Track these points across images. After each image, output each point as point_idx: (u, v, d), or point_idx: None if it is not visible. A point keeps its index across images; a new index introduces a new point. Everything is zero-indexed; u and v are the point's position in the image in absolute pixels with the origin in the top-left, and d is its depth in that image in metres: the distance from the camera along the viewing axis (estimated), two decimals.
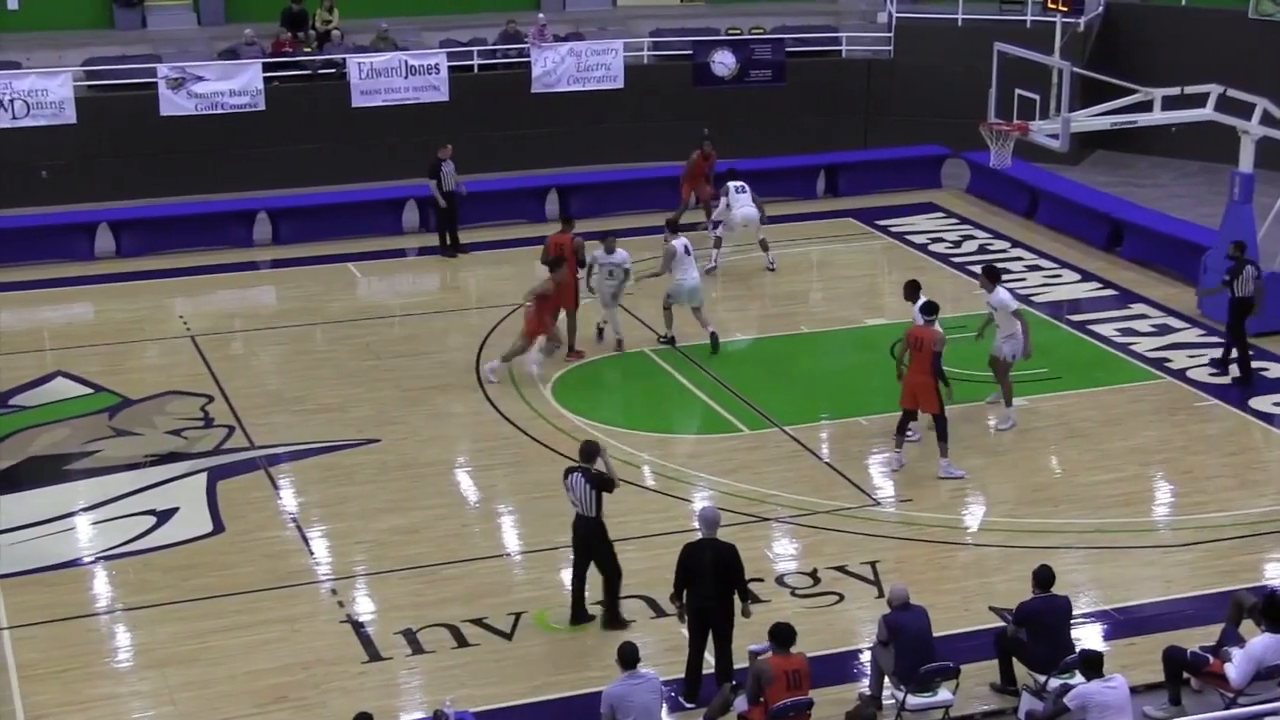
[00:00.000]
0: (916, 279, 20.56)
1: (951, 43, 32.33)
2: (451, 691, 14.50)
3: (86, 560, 17.37)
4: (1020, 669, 14.53)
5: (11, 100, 28.01)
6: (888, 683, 14.31)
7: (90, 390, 21.76)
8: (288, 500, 18.75)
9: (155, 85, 29.08)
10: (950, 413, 19.13)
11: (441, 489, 19.06)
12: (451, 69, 30.50)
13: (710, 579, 14.34)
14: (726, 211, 25.90)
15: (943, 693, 14.10)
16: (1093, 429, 20.44)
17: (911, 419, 19.19)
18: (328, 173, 30.29)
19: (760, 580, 16.35)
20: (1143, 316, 24.21)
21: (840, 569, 16.94)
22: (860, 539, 17.64)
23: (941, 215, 29.36)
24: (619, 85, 31.31)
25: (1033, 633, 14.32)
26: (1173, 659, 14.41)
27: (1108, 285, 25.70)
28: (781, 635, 13.37)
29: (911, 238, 28.06)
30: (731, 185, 25.87)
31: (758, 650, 13.85)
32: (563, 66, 30.97)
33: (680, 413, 21.37)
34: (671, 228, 23.75)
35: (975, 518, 18.35)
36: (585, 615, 15.91)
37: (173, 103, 29.07)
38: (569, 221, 23.31)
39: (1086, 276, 26.10)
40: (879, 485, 18.96)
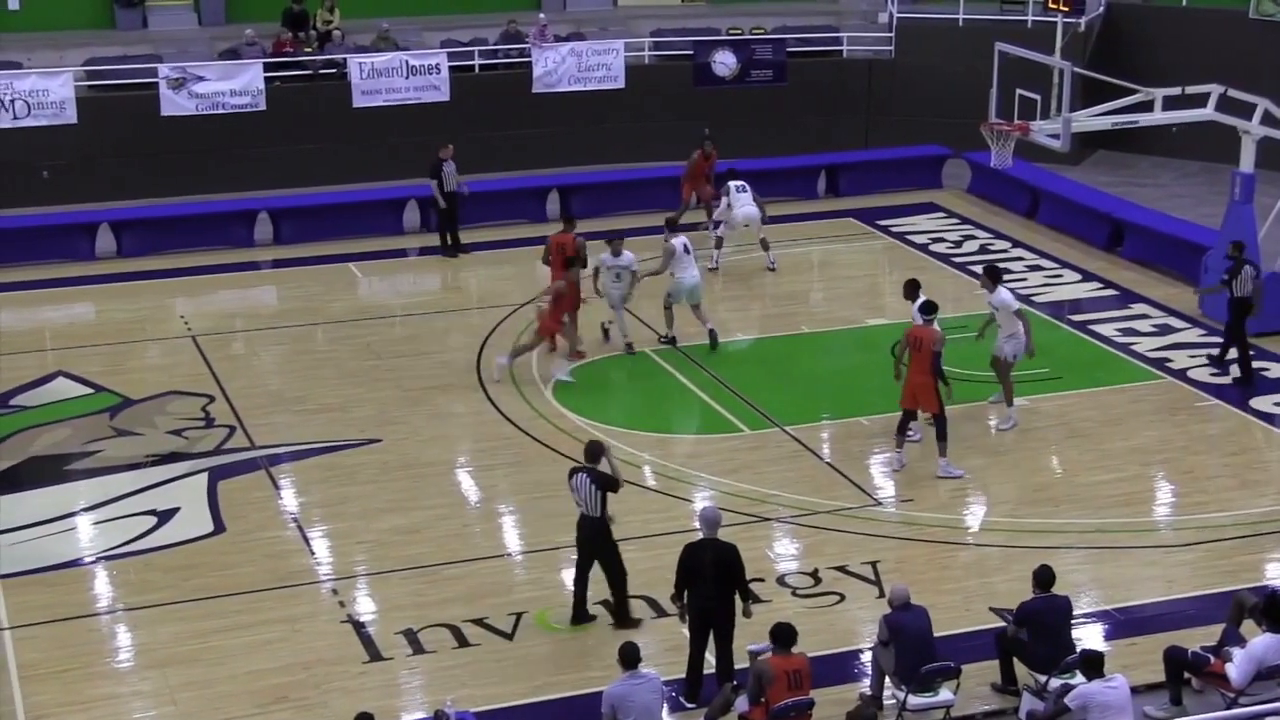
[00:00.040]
0: (916, 278, 20.56)
1: (952, 43, 32.31)
2: (452, 691, 14.50)
3: (87, 560, 17.37)
4: (1021, 669, 14.53)
5: (12, 100, 28.00)
6: (888, 683, 14.31)
7: (91, 390, 21.75)
8: (289, 500, 18.75)
9: (156, 85, 29.06)
10: (951, 412, 19.12)
11: (442, 489, 19.06)
12: (452, 69, 30.49)
13: (711, 579, 14.34)
14: (728, 211, 25.90)
15: (944, 693, 14.10)
16: (1094, 429, 20.44)
17: (911, 419, 19.19)
18: (329, 173, 30.28)
19: (761, 580, 16.34)
20: (1143, 316, 24.21)
21: (841, 569, 16.93)
22: (861, 539, 17.64)
23: (942, 215, 29.35)
24: (620, 85, 31.29)
25: (1033, 633, 14.32)
26: (1174, 659, 14.41)
27: (1109, 285, 25.69)
28: (782, 635, 13.37)
29: (912, 238, 28.05)
30: (732, 185, 25.86)
31: (757, 650, 13.85)
32: (564, 66, 30.96)
33: (681, 413, 21.37)
34: (671, 227, 23.76)
35: (976, 518, 18.35)
36: (586, 615, 15.90)
37: (174, 103, 29.06)
38: (570, 221, 23.26)
39: (1087, 276, 26.09)
40: (880, 485, 18.95)
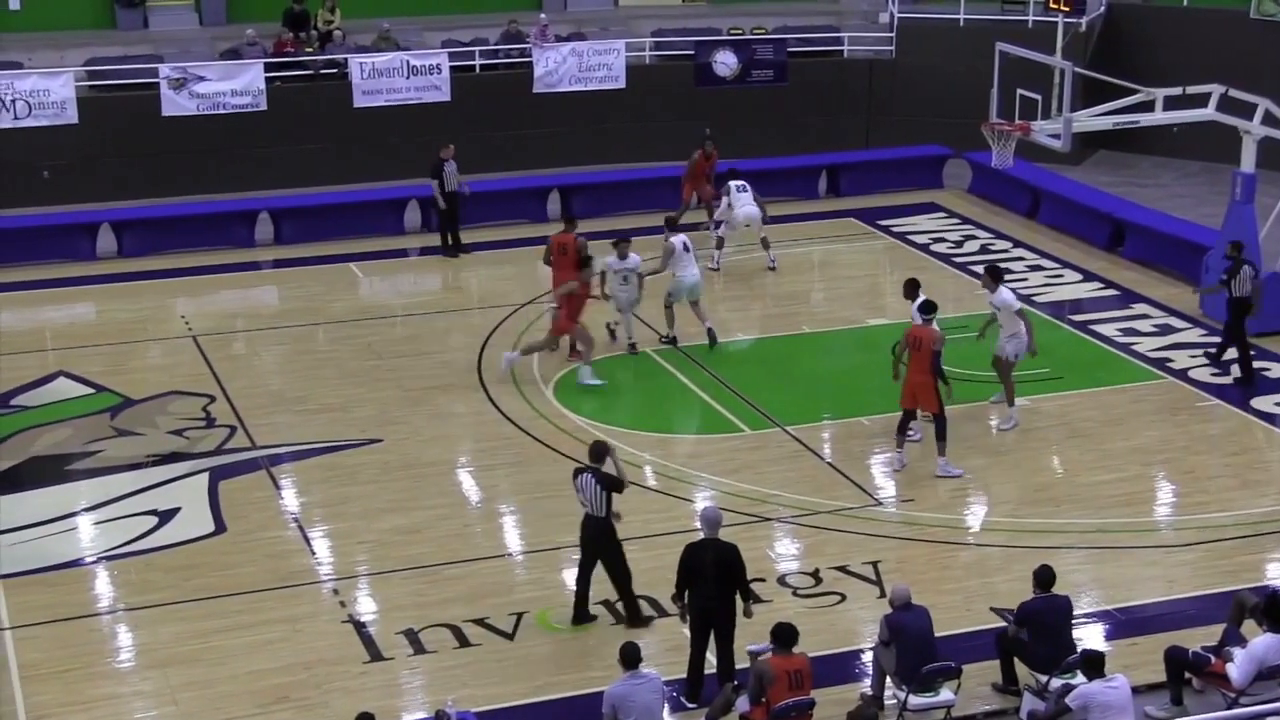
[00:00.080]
0: (916, 278, 20.56)
1: (953, 43, 32.31)
2: (453, 691, 14.50)
3: (88, 560, 17.37)
4: (1022, 669, 14.53)
5: (13, 100, 27.98)
6: (889, 683, 14.31)
7: (92, 390, 21.76)
8: (289, 500, 18.75)
9: (157, 85, 29.05)
10: (952, 412, 19.13)
11: (443, 489, 19.06)
12: (453, 69, 30.48)
13: (712, 579, 14.34)
14: (729, 211, 25.90)
15: (944, 693, 14.10)
16: (1094, 429, 20.44)
17: (912, 418, 19.19)
18: (330, 173, 30.29)
19: (762, 580, 16.34)
20: (1144, 316, 24.20)
21: (842, 569, 16.93)
22: (862, 539, 17.63)
23: (943, 215, 29.35)
24: (621, 85, 31.27)
25: (1034, 633, 14.31)
26: (1174, 659, 14.41)
27: (1109, 285, 25.69)
28: (783, 635, 13.37)
29: (913, 238, 28.05)
30: (733, 185, 25.86)
31: (756, 650, 13.85)
32: (564, 66, 30.95)
33: (682, 412, 21.37)
34: (671, 226, 23.76)
35: (977, 518, 18.35)
36: (587, 615, 15.90)
37: (174, 103, 29.05)
38: (571, 221, 23.21)
39: (1088, 276, 26.09)
40: (881, 485, 18.95)
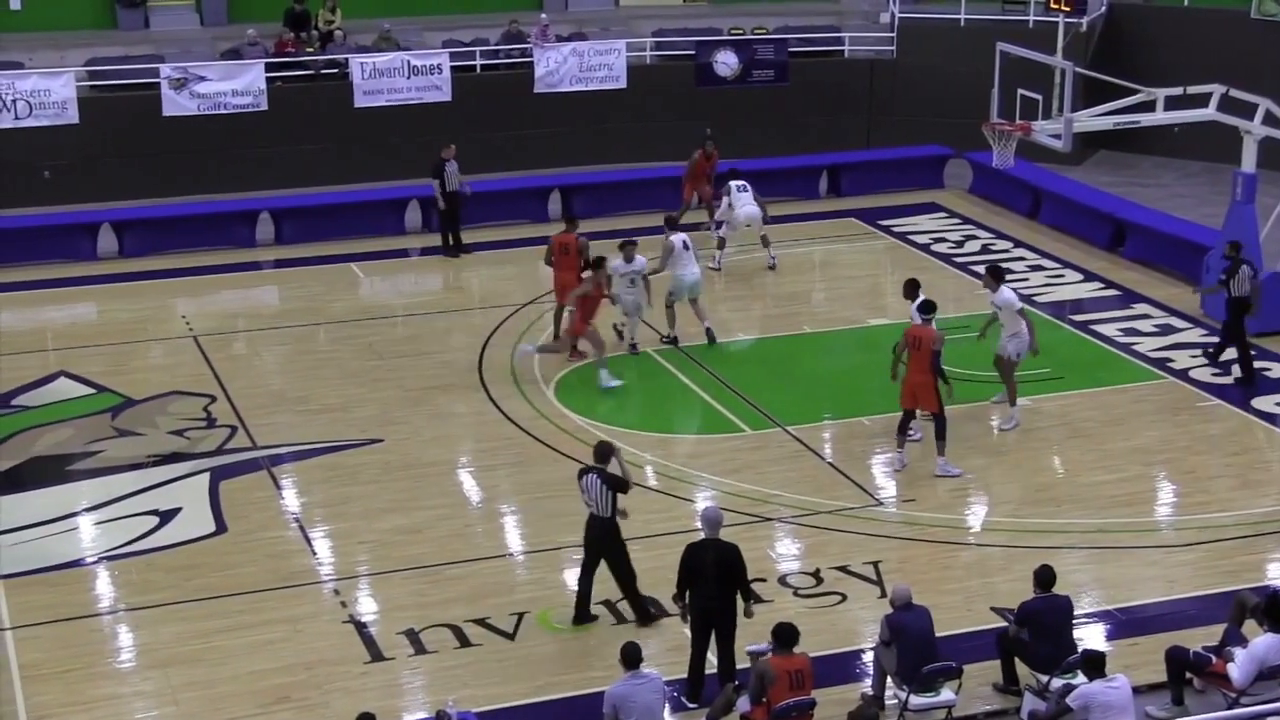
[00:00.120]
0: (915, 278, 20.57)
1: (954, 43, 32.30)
2: (454, 692, 14.52)
3: (89, 560, 17.38)
4: (1023, 669, 14.53)
5: (14, 100, 27.99)
6: (890, 683, 14.31)
7: (93, 390, 21.75)
8: (290, 500, 18.75)
9: (158, 85, 29.06)
10: (953, 412, 19.13)
11: (444, 489, 19.05)
12: (454, 69, 30.49)
13: (713, 579, 14.34)
14: (729, 211, 25.89)
15: (945, 693, 14.09)
16: (1095, 429, 20.43)
17: (912, 418, 19.19)
18: (330, 173, 30.29)
19: (763, 580, 16.34)
20: (1145, 316, 24.20)
21: (843, 569, 16.93)
22: (863, 539, 17.63)
23: (944, 215, 29.34)
24: (621, 85, 31.28)
25: (1034, 633, 14.31)
26: (1175, 659, 14.41)
27: (1110, 285, 25.68)
28: (784, 635, 13.37)
29: (914, 238, 28.04)
30: (734, 185, 25.86)
31: (755, 650, 13.84)
32: (565, 66, 30.95)
33: (683, 413, 21.37)
34: (671, 225, 23.74)
35: (978, 518, 18.35)
36: (589, 615, 15.90)
37: (175, 103, 29.05)
38: (572, 221, 23.19)
39: (1089, 276, 26.08)
40: (881, 485, 18.94)
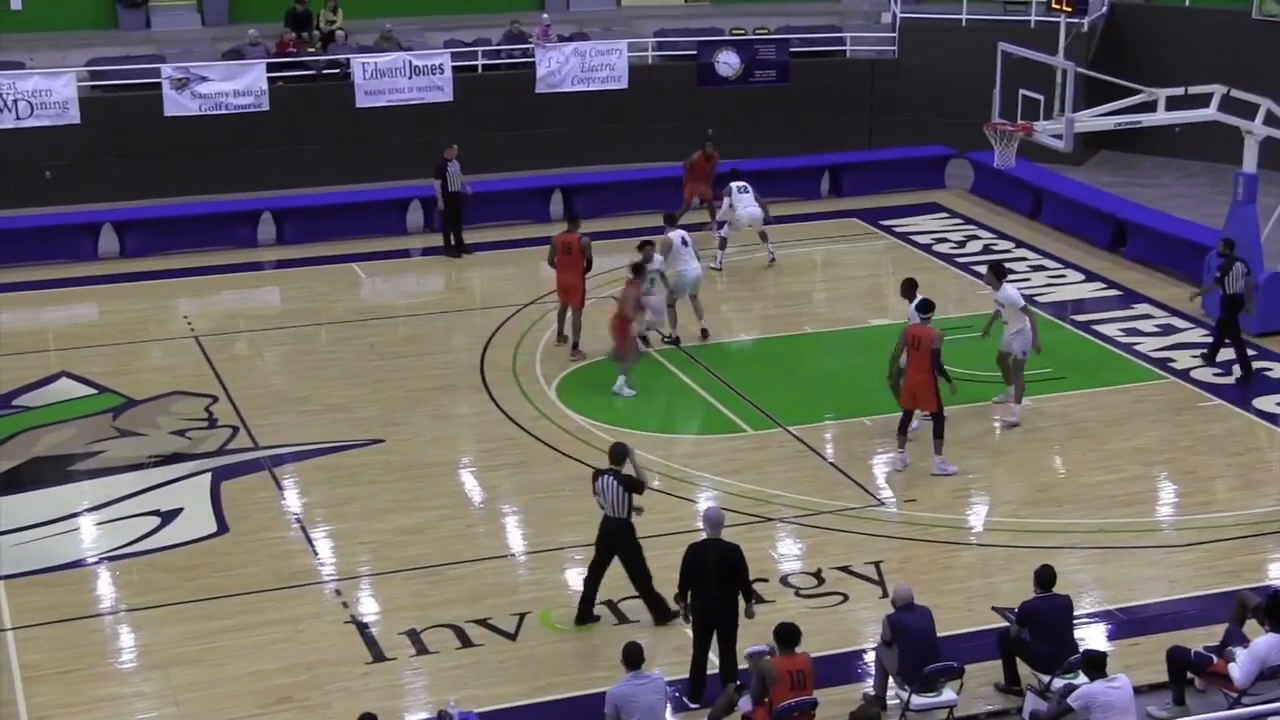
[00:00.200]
0: (913, 277, 20.57)
1: (955, 43, 32.29)
2: (455, 692, 14.51)
3: (90, 561, 17.38)
4: (1024, 669, 14.54)
5: (15, 101, 27.94)
6: (892, 683, 14.31)
7: (94, 391, 21.75)
8: (292, 501, 18.75)
9: (159, 86, 29.01)
10: (955, 412, 19.13)
11: (446, 489, 19.05)
12: (456, 69, 30.47)
13: (715, 579, 14.34)
14: (731, 212, 25.89)
15: (947, 693, 14.10)
16: (1096, 429, 20.43)
17: (912, 418, 19.17)
18: (332, 173, 30.28)
19: (765, 580, 16.34)
20: (1146, 317, 24.20)
21: (844, 569, 16.93)
22: (864, 539, 17.63)
23: (946, 215, 29.34)
24: (623, 85, 31.25)
25: (1035, 632, 14.32)
26: (1176, 659, 14.41)
27: (1112, 285, 25.68)
28: (786, 635, 13.37)
29: (916, 238, 28.04)
30: (734, 185, 25.85)
31: (755, 653, 13.83)
32: (567, 67, 30.93)
33: (684, 413, 21.36)
34: (670, 223, 23.73)
35: (979, 518, 18.35)
36: (591, 616, 15.90)
37: (177, 103, 29.03)
38: (574, 221, 23.18)
39: (1090, 277, 26.08)
40: (883, 485, 18.95)
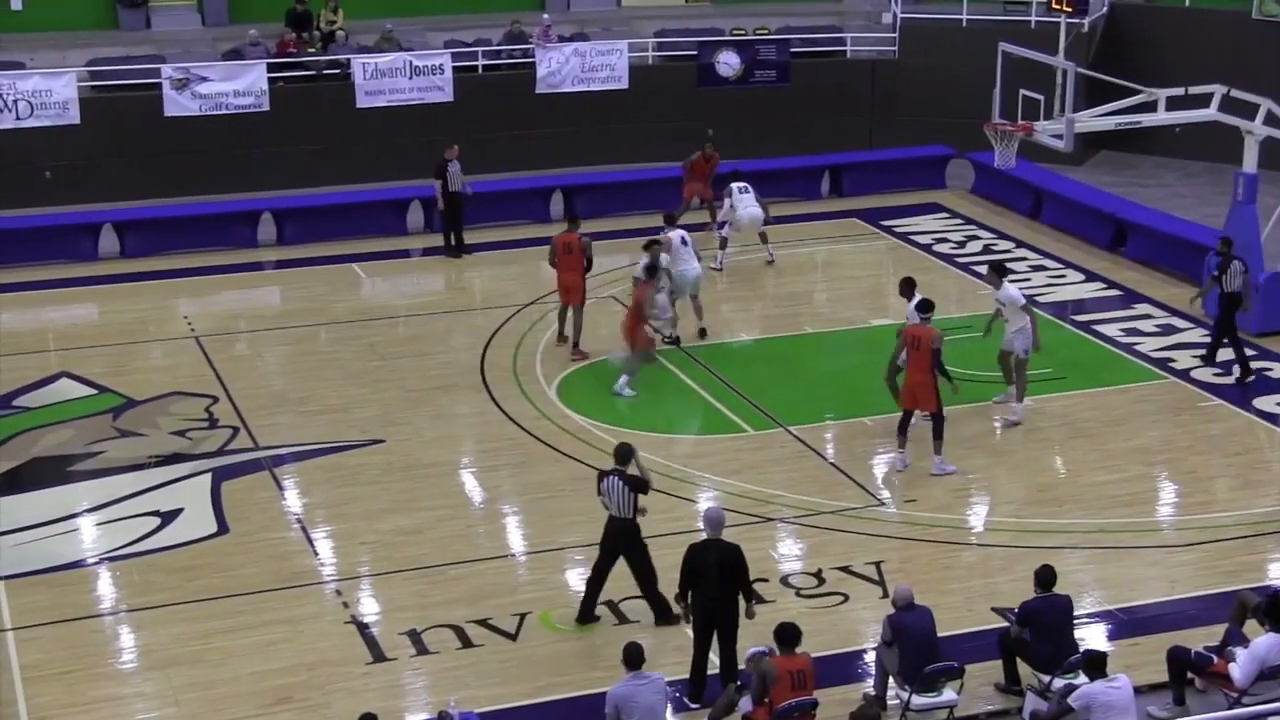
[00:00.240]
0: (912, 276, 20.58)
1: (956, 43, 32.29)
2: (456, 692, 14.52)
3: (90, 561, 17.37)
4: (1025, 669, 14.54)
5: (15, 101, 27.94)
6: (892, 683, 14.31)
7: (94, 391, 21.75)
8: (292, 501, 18.75)
9: (159, 86, 29.01)
10: (956, 412, 19.12)
11: (446, 490, 19.05)
12: (456, 69, 30.47)
13: (715, 579, 14.34)
14: (732, 212, 25.88)
15: (947, 693, 14.10)
16: (1097, 429, 20.43)
17: (911, 418, 19.16)
18: (332, 173, 30.28)
19: (765, 580, 16.34)
20: (1147, 317, 24.20)
21: (845, 569, 16.93)
22: (865, 539, 17.63)
23: (946, 215, 29.34)
24: (624, 86, 31.25)
25: (1036, 632, 14.32)
26: (1177, 659, 14.41)
27: (1112, 285, 25.68)
28: (786, 636, 13.37)
29: (916, 238, 28.04)
30: (735, 186, 25.85)
31: (756, 654, 13.81)
32: (567, 67, 30.94)
33: (684, 413, 21.35)
34: (670, 223, 23.73)
35: (980, 518, 18.34)
36: (593, 616, 15.90)
37: (177, 103, 29.03)
38: (574, 221, 23.20)
39: (1091, 277, 26.08)
40: (883, 485, 18.95)
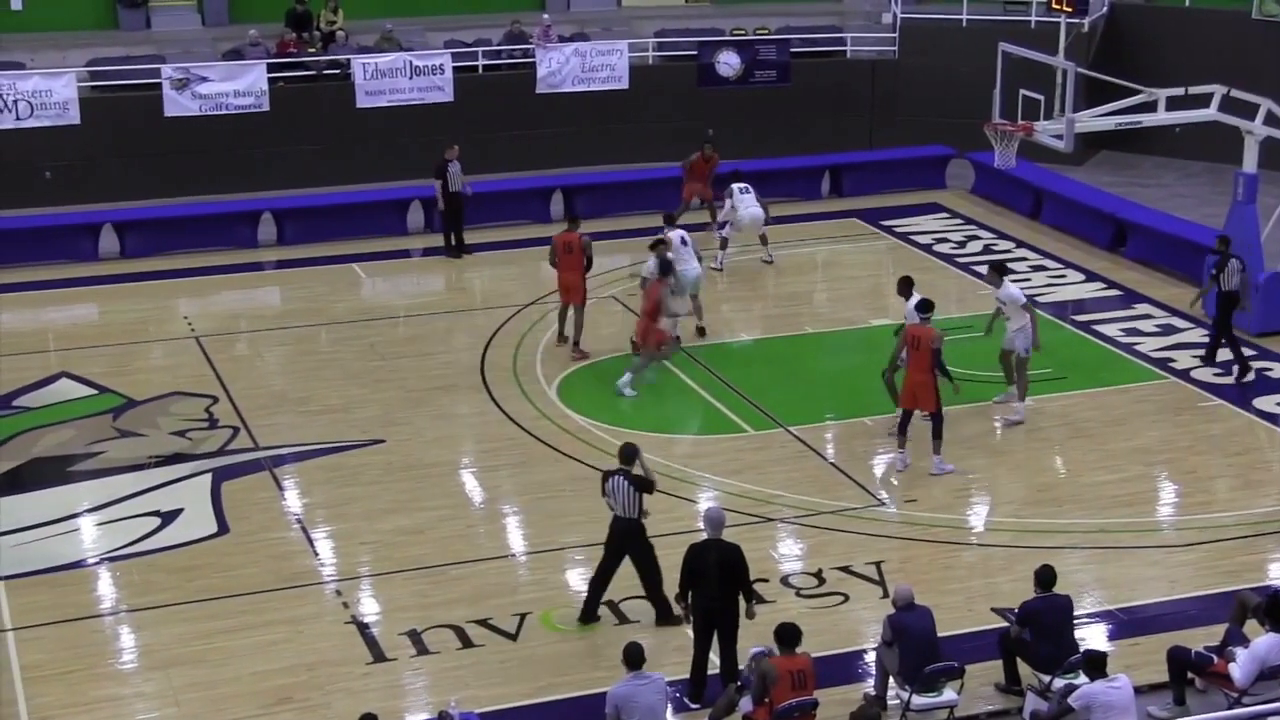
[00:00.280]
0: (909, 275, 20.59)
1: (956, 43, 32.29)
2: (456, 692, 14.52)
3: (91, 561, 17.37)
4: (1025, 669, 14.54)
5: (15, 101, 27.96)
6: (892, 683, 14.31)
7: (95, 391, 21.75)
8: (292, 501, 18.75)
9: (159, 86, 29.02)
10: (956, 412, 19.12)
11: (446, 490, 19.05)
12: (456, 69, 30.48)
13: (715, 580, 14.34)
14: (733, 213, 25.88)
15: (947, 693, 14.10)
16: (1097, 429, 20.43)
17: (911, 417, 19.15)
18: (332, 173, 30.28)
19: (765, 581, 16.34)
20: (1147, 317, 24.20)
21: (845, 569, 16.94)
22: (865, 539, 17.63)
23: (946, 216, 29.34)
24: (624, 86, 31.26)
25: (1036, 632, 14.32)
26: (1177, 659, 14.41)
27: (1112, 285, 25.69)
28: (786, 636, 13.37)
29: (916, 238, 28.04)
30: (736, 186, 25.85)
31: (756, 654, 13.81)
32: (567, 67, 30.94)
33: (685, 413, 21.35)
34: (669, 222, 23.73)
35: (980, 518, 18.35)
36: (595, 615, 15.91)
37: (177, 103, 29.04)
38: (575, 220, 23.20)
39: (1091, 277, 26.08)
40: (884, 485, 18.95)
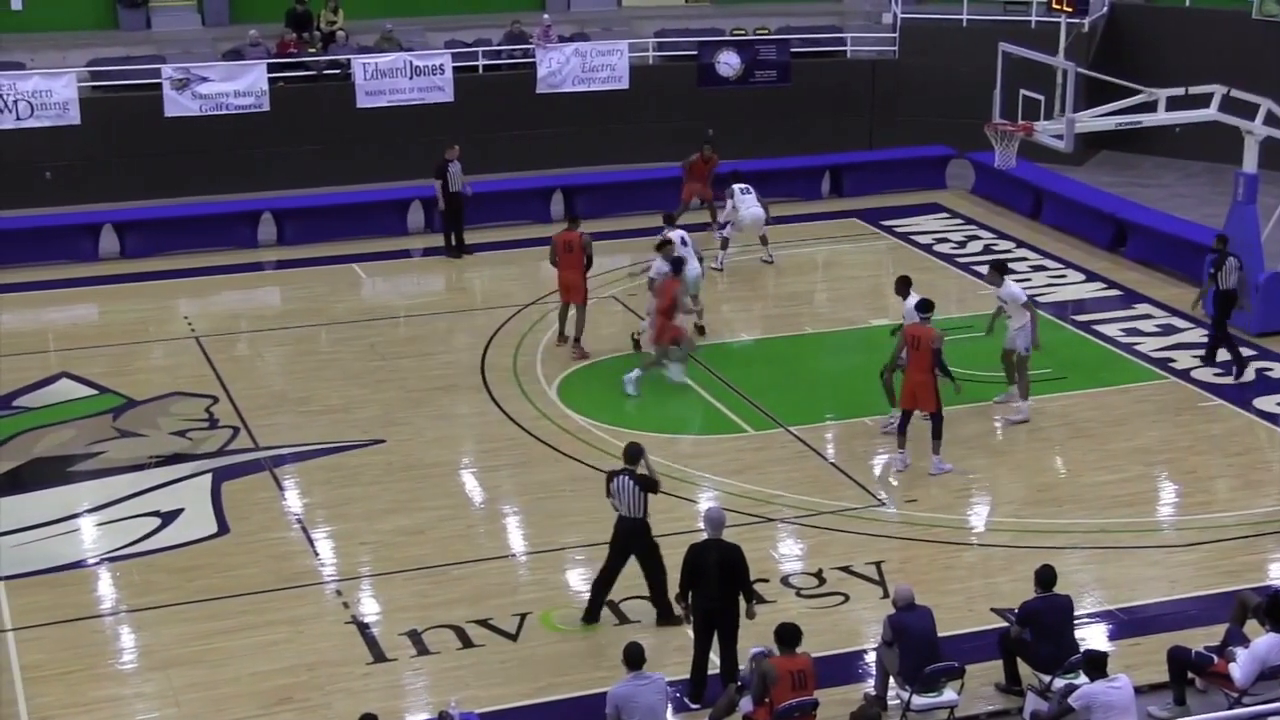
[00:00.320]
0: (908, 275, 20.59)
1: (956, 43, 32.29)
2: (456, 693, 14.53)
3: (91, 562, 17.37)
4: (1025, 669, 14.54)
5: (15, 101, 27.95)
6: (893, 683, 14.31)
7: (95, 391, 21.75)
8: (292, 501, 18.75)
9: (160, 86, 29.02)
10: (957, 412, 19.11)
11: (446, 490, 19.05)
12: (456, 69, 30.47)
13: (716, 580, 14.34)
14: (734, 213, 25.88)
15: (948, 693, 14.10)
16: (1097, 429, 20.43)
17: (911, 417, 19.14)
18: (333, 173, 30.28)
19: (765, 581, 16.34)
20: (1147, 317, 24.20)
21: (845, 569, 16.94)
22: (865, 539, 17.63)
23: (946, 216, 29.34)
24: (624, 86, 31.26)
25: (1036, 632, 14.32)
26: (1177, 659, 14.41)
27: (1112, 285, 25.69)
28: (787, 636, 13.37)
29: (916, 238, 28.04)
30: (736, 187, 25.86)
31: (757, 654, 13.81)
32: (568, 67, 30.94)
33: (685, 413, 21.34)
34: (669, 222, 23.73)
35: (980, 518, 18.35)
36: (598, 616, 15.90)
37: (177, 103, 29.03)
38: (575, 220, 23.20)
39: (1091, 277, 26.08)
40: (884, 486, 18.95)
